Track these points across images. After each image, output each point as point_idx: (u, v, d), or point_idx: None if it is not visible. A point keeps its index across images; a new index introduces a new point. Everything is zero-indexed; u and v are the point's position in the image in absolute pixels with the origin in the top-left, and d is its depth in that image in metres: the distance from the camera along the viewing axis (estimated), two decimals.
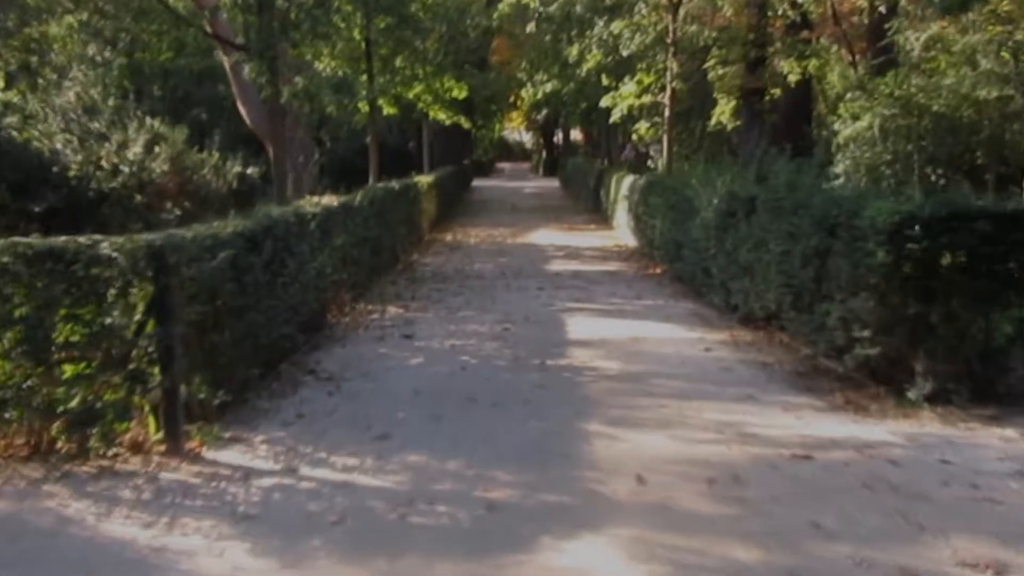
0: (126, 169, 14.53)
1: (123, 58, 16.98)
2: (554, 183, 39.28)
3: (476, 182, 40.15)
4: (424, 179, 17.47)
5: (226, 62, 13.50)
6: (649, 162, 24.01)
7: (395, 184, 13.11)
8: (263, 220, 6.25)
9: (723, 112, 18.17)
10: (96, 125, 16.25)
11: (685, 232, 9.88)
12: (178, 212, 13.84)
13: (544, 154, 54.50)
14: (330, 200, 9.19)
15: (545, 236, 16.87)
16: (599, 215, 21.03)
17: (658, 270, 11.72)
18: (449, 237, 17.14)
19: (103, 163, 14.57)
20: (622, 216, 16.26)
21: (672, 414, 5.28)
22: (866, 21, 18.76)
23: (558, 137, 51.23)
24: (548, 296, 9.77)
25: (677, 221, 10.40)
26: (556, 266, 12.55)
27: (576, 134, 47.13)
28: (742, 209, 7.95)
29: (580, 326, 8.11)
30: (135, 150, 15.22)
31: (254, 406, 5.48)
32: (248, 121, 15.23)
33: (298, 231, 7.00)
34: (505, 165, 63.66)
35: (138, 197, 14.31)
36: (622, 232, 16.44)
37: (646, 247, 13.36)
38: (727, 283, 8.31)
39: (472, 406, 5.52)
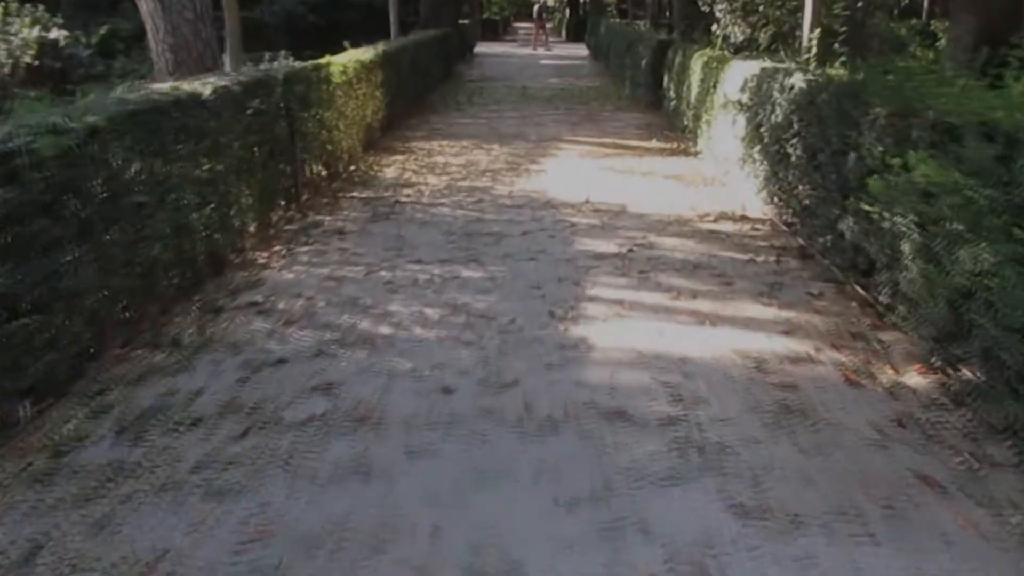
0: None
1: None
2: (581, 51, 30.59)
3: (482, 47, 31.48)
4: (355, 57, 9.46)
5: None
6: (714, 27, 15.45)
7: (225, 83, 5.20)
8: None
9: None
10: None
11: None
12: None
13: (568, 13, 45.10)
14: None
15: (575, 171, 8.93)
16: (659, 115, 12.93)
17: (900, 341, 3.98)
18: (393, 168, 9.25)
19: None
20: (726, 141, 8.27)
21: None
22: None
23: None
24: None
25: None
26: (612, 333, 4.73)
27: None
28: None
29: None
30: None
31: None
32: None
33: None
34: (523, 25, 53.81)
35: None
36: (719, 167, 8.54)
37: (815, 246, 5.59)
38: None
39: None
